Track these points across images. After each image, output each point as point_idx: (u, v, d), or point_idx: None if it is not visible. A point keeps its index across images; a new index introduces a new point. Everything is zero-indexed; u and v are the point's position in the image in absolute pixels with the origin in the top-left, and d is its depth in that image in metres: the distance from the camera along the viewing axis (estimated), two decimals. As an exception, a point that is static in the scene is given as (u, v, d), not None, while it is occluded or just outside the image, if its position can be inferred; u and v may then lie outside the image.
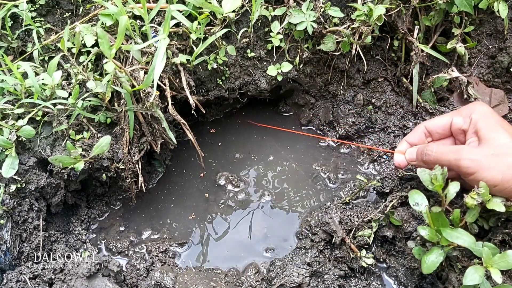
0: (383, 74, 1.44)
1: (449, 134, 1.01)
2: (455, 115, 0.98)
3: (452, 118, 0.98)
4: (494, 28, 1.27)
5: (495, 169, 0.83)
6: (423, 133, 1.04)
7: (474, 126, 0.92)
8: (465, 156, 0.86)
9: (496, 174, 0.83)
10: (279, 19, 1.29)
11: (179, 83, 1.26)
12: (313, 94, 1.54)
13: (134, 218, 1.37)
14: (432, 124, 1.03)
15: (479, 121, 0.91)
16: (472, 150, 0.87)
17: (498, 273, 0.82)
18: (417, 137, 1.05)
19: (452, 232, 0.85)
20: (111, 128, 1.25)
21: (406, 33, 1.30)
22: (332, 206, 1.23)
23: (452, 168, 0.88)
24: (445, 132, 1.01)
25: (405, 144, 1.06)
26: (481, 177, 0.84)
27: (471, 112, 0.93)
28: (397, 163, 1.06)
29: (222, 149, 1.54)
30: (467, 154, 0.86)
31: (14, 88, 1.17)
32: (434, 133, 1.03)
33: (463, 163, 0.85)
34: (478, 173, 0.84)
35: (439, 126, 1.01)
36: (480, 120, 0.91)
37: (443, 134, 1.02)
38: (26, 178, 1.14)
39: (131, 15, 1.19)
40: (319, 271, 1.13)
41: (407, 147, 1.06)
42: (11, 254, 1.12)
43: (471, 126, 0.93)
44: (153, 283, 1.14)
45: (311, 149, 1.51)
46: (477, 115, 0.92)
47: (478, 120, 0.91)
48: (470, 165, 0.85)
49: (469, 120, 0.93)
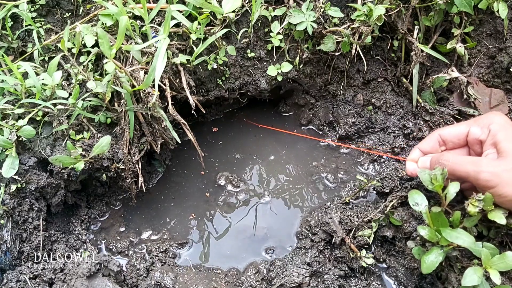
0: (383, 74, 1.44)
1: (464, 144, 0.97)
2: (472, 124, 0.94)
3: (469, 128, 0.94)
4: (494, 28, 1.27)
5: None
6: (437, 141, 1.00)
7: (492, 138, 0.88)
8: (485, 168, 0.82)
9: None
10: (279, 19, 1.29)
11: (179, 83, 1.26)
12: (313, 94, 1.54)
13: (134, 218, 1.37)
14: (447, 133, 0.98)
15: (498, 133, 0.87)
16: (492, 163, 0.83)
17: (497, 274, 0.82)
18: (431, 145, 1.01)
19: (451, 232, 0.85)
20: (111, 128, 1.25)
21: (406, 33, 1.30)
22: (332, 206, 1.23)
23: (470, 180, 0.85)
24: (461, 141, 0.97)
25: (417, 152, 1.03)
26: (501, 191, 0.81)
27: (490, 123, 0.90)
28: (409, 172, 1.03)
29: (222, 149, 1.54)
30: (487, 167, 0.82)
31: (15, 88, 1.17)
32: (448, 142, 0.98)
33: (483, 176, 0.82)
34: (498, 188, 0.81)
35: (455, 135, 0.97)
36: (500, 131, 0.87)
37: (458, 143, 0.98)
38: (26, 178, 1.14)
39: (131, 15, 1.20)
40: (319, 271, 1.13)
41: (419, 155, 1.02)
42: (11, 254, 1.12)
43: (489, 137, 0.89)
44: (153, 283, 1.15)
45: (311, 149, 1.51)
46: (496, 126, 0.88)
47: (497, 131, 0.87)
48: (490, 178, 0.81)
49: (487, 131, 0.90)
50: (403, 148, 1.40)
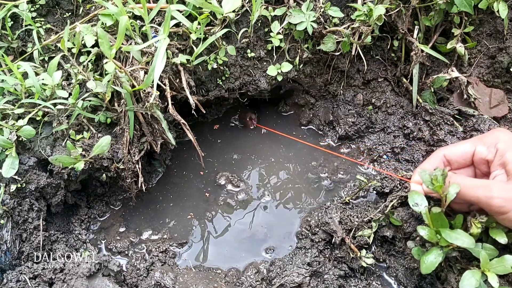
0: (383, 74, 1.44)
1: (470, 164, 0.94)
2: (477, 143, 0.91)
3: (474, 147, 0.91)
4: (494, 28, 1.27)
5: None
6: (442, 161, 0.95)
7: (500, 158, 0.85)
8: (496, 194, 0.79)
9: None
10: (279, 19, 1.29)
11: (179, 83, 1.26)
12: (313, 94, 1.54)
13: (134, 218, 1.37)
14: (452, 153, 0.94)
15: (507, 153, 0.83)
16: (504, 187, 0.80)
17: (495, 277, 0.82)
18: (435, 166, 0.94)
19: (451, 233, 0.85)
20: (111, 128, 1.25)
21: (406, 33, 1.30)
22: (332, 206, 1.23)
23: (481, 205, 0.82)
24: (466, 162, 0.93)
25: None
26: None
27: (496, 142, 0.86)
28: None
29: (222, 149, 1.54)
30: (499, 192, 0.79)
31: (14, 88, 1.17)
32: (453, 162, 0.94)
33: (495, 202, 0.79)
34: (511, 213, 0.78)
35: (460, 155, 0.93)
36: (508, 151, 0.83)
37: (463, 164, 0.94)
38: (26, 178, 1.14)
39: (131, 15, 1.19)
40: (319, 271, 1.13)
41: None
42: (11, 254, 1.12)
43: (497, 157, 0.86)
44: (153, 283, 1.15)
45: (311, 149, 1.51)
46: (503, 145, 0.85)
47: (505, 151, 0.84)
48: (503, 204, 0.78)
49: (494, 150, 0.86)
50: (403, 148, 1.40)
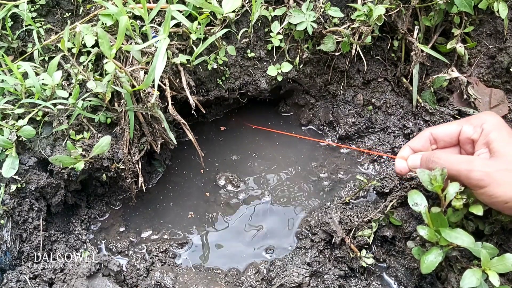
0: (383, 74, 1.44)
1: (455, 143, 0.97)
2: (464, 123, 0.94)
3: (461, 127, 0.94)
4: (494, 28, 1.27)
5: (509, 184, 0.79)
6: (428, 140, 0.99)
7: (485, 137, 0.87)
8: (478, 168, 0.81)
9: (509, 190, 0.79)
10: (279, 19, 1.29)
11: (179, 83, 1.26)
12: (313, 94, 1.54)
13: (134, 218, 1.37)
14: (439, 131, 0.97)
15: (491, 133, 0.86)
16: (485, 162, 0.83)
17: (495, 276, 0.82)
18: (421, 143, 0.99)
19: (451, 232, 0.85)
20: (111, 128, 1.25)
21: (406, 33, 1.30)
22: (332, 206, 1.24)
23: (461, 179, 0.84)
24: (452, 140, 0.96)
25: (407, 149, 1.02)
26: (493, 192, 0.80)
27: (482, 122, 0.89)
28: (398, 170, 1.02)
29: (222, 149, 1.54)
30: (480, 166, 0.81)
31: (15, 88, 1.17)
32: (440, 140, 0.98)
33: (475, 175, 0.81)
34: (489, 187, 0.80)
35: (447, 133, 0.96)
36: (493, 131, 0.86)
37: (449, 142, 0.97)
38: (26, 178, 1.14)
39: (131, 15, 1.20)
40: (319, 271, 1.13)
41: (409, 153, 1.01)
42: (11, 254, 1.12)
43: (482, 136, 0.88)
44: (153, 283, 1.15)
45: (311, 149, 1.51)
46: (489, 126, 0.88)
47: (490, 131, 0.87)
48: (483, 178, 0.80)
49: (480, 130, 0.89)
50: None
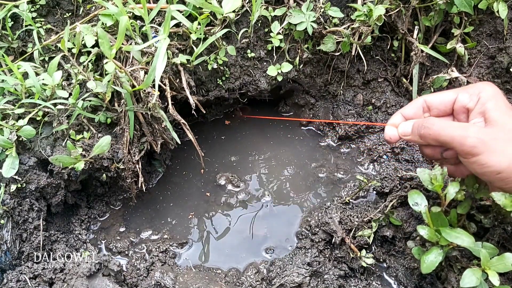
0: (383, 74, 1.44)
1: (450, 112, 0.92)
2: (460, 91, 0.89)
3: (457, 95, 0.89)
4: (493, 29, 1.27)
5: (502, 154, 0.76)
6: (421, 107, 0.94)
7: (481, 106, 0.84)
8: (472, 134, 0.78)
9: (503, 159, 0.76)
10: (279, 20, 1.30)
11: (179, 83, 1.26)
12: (313, 94, 1.54)
13: (134, 218, 1.37)
14: (433, 99, 0.93)
15: (488, 102, 0.83)
16: (480, 130, 0.79)
17: (495, 275, 0.82)
18: (414, 111, 0.94)
19: (451, 232, 0.85)
20: (111, 128, 1.25)
21: (406, 34, 1.30)
22: (332, 206, 1.24)
23: (454, 145, 0.81)
24: (447, 109, 0.92)
25: (399, 117, 0.96)
26: (486, 160, 0.77)
27: (480, 91, 0.85)
28: (388, 137, 0.96)
29: (222, 149, 1.54)
30: (475, 133, 0.78)
31: (15, 88, 1.18)
32: (434, 108, 0.93)
33: (469, 141, 0.77)
34: (483, 155, 0.77)
35: (441, 101, 0.91)
36: (490, 100, 0.83)
37: (443, 110, 0.92)
38: (26, 178, 1.14)
39: (131, 15, 1.20)
40: (319, 271, 1.13)
41: (401, 120, 0.96)
42: (11, 254, 1.12)
43: (478, 105, 0.85)
44: (153, 283, 1.15)
45: (311, 149, 1.51)
46: (486, 95, 0.84)
47: (487, 100, 0.83)
48: (477, 144, 0.77)
49: (476, 99, 0.85)
50: (403, 148, 1.40)
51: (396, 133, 0.95)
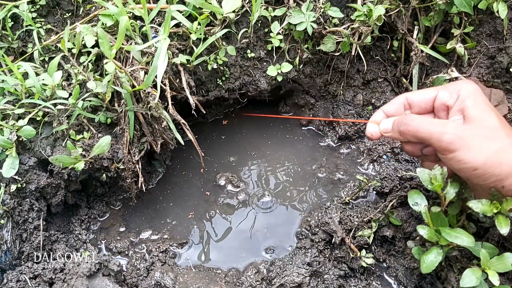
0: (382, 74, 1.44)
1: (430, 110, 0.94)
2: (441, 89, 0.91)
3: (437, 92, 0.91)
4: (493, 29, 1.27)
5: (479, 150, 0.77)
6: (403, 105, 0.96)
7: (461, 103, 0.85)
8: (450, 130, 0.79)
9: (479, 156, 0.77)
10: (279, 20, 1.30)
11: (179, 83, 1.26)
12: (313, 94, 1.54)
13: (134, 218, 1.37)
14: (414, 96, 0.94)
15: (467, 99, 0.84)
16: (458, 126, 0.81)
17: (495, 275, 0.82)
18: (395, 108, 0.96)
19: (451, 232, 0.85)
20: (111, 128, 1.25)
21: (405, 34, 1.30)
22: (332, 206, 1.24)
23: (432, 142, 0.82)
24: (427, 106, 0.93)
25: (381, 114, 0.98)
26: (463, 156, 0.78)
27: (459, 89, 0.87)
28: (369, 134, 0.98)
29: (222, 149, 1.54)
30: (453, 129, 0.79)
31: (15, 89, 1.18)
32: (415, 105, 0.94)
33: (447, 137, 0.79)
34: (460, 151, 0.78)
35: (422, 99, 0.93)
36: (469, 98, 0.84)
37: (424, 108, 0.94)
38: (26, 178, 1.15)
39: (131, 15, 1.20)
40: (319, 271, 1.13)
41: (382, 117, 0.97)
42: (11, 254, 1.12)
43: (457, 102, 0.86)
44: (153, 283, 1.15)
45: (311, 149, 1.51)
46: (465, 92, 0.85)
47: (466, 97, 0.84)
48: (454, 141, 0.78)
49: (456, 96, 0.87)
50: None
51: (378, 130, 0.96)
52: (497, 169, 0.77)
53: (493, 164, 0.76)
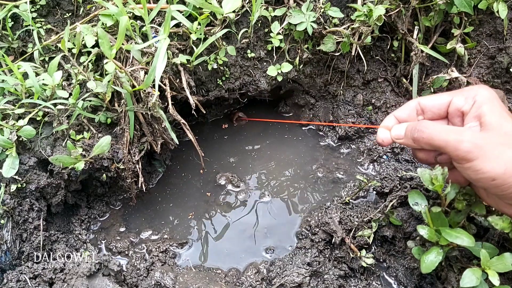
0: (383, 74, 1.44)
1: (444, 116, 0.89)
2: (455, 94, 0.87)
3: (452, 97, 0.87)
4: (493, 29, 1.27)
5: (498, 160, 0.72)
6: (415, 109, 0.91)
7: (477, 110, 0.81)
8: (468, 138, 0.74)
9: (498, 166, 0.72)
10: (279, 20, 1.30)
11: (179, 83, 1.26)
12: (313, 94, 1.54)
13: (135, 218, 1.37)
14: (427, 101, 0.90)
15: (484, 105, 0.80)
16: (476, 134, 0.76)
17: (495, 275, 0.82)
18: (408, 113, 0.92)
19: (451, 232, 0.85)
20: (111, 128, 1.25)
21: (406, 34, 1.30)
22: (332, 206, 1.24)
23: (448, 150, 0.77)
24: (441, 112, 0.89)
25: (392, 119, 0.93)
26: (481, 166, 0.73)
27: (475, 94, 0.82)
28: (380, 140, 0.93)
29: (222, 149, 1.54)
30: (471, 137, 0.75)
31: (15, 88, 1.18)
32: (428, 111, 0.90)
33: (465, 146, 0.74)
34: (478, 161, 0.73)
35: (436, 104, 0.89)
36: (486, 104, 0.80)
37: (437, 114, 0.89)
38: (26, 178, 1.15)
39: (131, 15, 1.20)
40: (319, 271, 1.13)
41: (394, 122, 0.93)
42: (11, 254, 1.12)
43: (473, 108, 0.82)
44: (153, 283, 1.15)
45: (311, 149, 1.51)
46: (482, 98, 0.81)
47: (483, 103, 0.80)
48: (472, 150, 0.73)
49: (472, 102, 0.82)
50: (403, 148, 1.40)
51: (389, 135, 0.92)
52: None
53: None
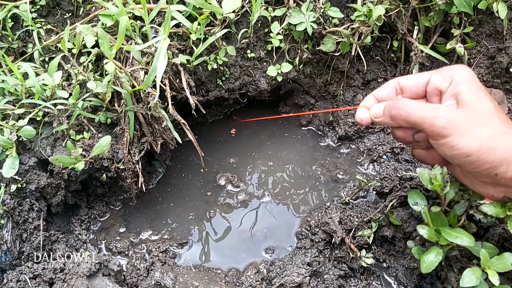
0: (382, 74, 1.44)
1: (423, 95, 0.90)
2: (434, 74, 0.87)
3: (430, 76, 0.87)
4: (493, 29, 1.27)
5: (473, 136, 0.74)
6: (394, 89, 0.92)
7: (454, 88, 0.82)
8: (443, 115, 0.76)
9: (472, 142, 0.74)
10: (279, 20, 1.30)
11: (179, 84, 1.26)
12: (313, 94, 1.54)
13: (135, 218, 1.37)
14: (406, 80, 0.90)
15: (461, 84, 0.81)
16: (451, 111, 0.78)
17: (495, 275, 0.82)
18: (387, 92, 0.92)
19: (451, 231, 0.85)
20: (111, 128, 1.25)
21: (405, 34, 1.30)
22: (332, 206, 1.24)
23: (424, 126, 0.78)
24: (419, 91, 0.89)
25: (371, 98, 0.93)
26: (455, 142, 0.75)
27: (453, 73, 0.83)
28: (359, 119, 0.94)
29: (222, 150, 1.54)
30: (446, 114, 0.76)
31: (15, 89, 1.18)
32: (406, 90, 0.90)
33: (440, 121, 0.75)
34: (452, 137, 0.75)
35: (415, 83, 0.89)
36: (463, 83, 0.81)
37: (416, 93, 0.90)
38: (26, 178, 1.15)
39: (131, 15, 1.20)
40: (319, 271, 1.13)
41: (373, 102, 0.93)
42: (11, 254, 1.12)
43: (451, 87, 0.83)
44: (153, 283, 1.15)
45: (311, 149, 1.51)
46: (459, 77, 0.82)
47: (460, 82, 0.81)
48: (447, 125, 0.75)
49: (449, 81, 0.83)
50: (402, 148, 1.40)
51: (368, 115, 0.92)
52: (490, 155, 0.74)
53: (487, 151, 0.73)
